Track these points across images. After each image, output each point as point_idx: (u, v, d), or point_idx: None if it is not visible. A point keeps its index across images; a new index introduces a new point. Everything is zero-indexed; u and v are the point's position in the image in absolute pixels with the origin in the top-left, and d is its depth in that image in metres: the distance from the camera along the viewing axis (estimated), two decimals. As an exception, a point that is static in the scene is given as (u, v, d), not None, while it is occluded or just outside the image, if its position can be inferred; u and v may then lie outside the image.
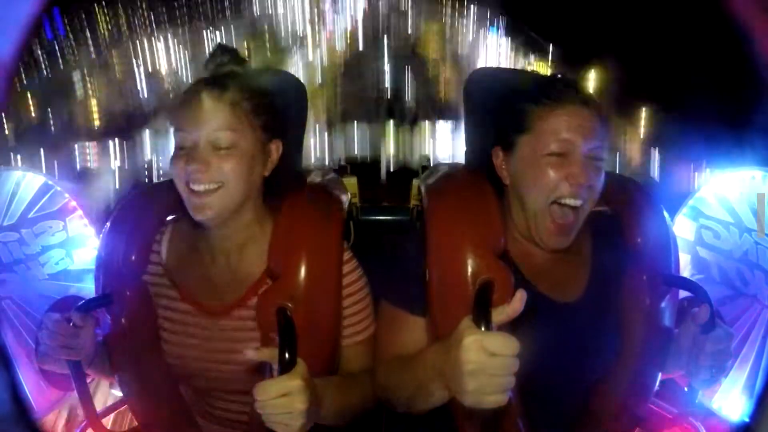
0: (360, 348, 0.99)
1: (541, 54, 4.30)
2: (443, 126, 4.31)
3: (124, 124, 3.39)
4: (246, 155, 0.88)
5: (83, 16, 3.31)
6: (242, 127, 0.87)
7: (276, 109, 0.95)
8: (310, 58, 4.99)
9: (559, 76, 1.00)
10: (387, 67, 4.89)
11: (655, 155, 3.06)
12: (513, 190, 0.97)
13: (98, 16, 3.47)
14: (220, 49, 0.95)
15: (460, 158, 1.19)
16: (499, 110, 0.98)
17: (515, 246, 0.97)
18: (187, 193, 0.88)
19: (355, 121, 4.29)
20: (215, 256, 0.97)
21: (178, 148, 0.87)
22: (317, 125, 4.04)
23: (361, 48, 5.14)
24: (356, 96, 4.59)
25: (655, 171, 3.05)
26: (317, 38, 5.07)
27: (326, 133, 4.17)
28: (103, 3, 3.50)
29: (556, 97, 0.91)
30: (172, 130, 0.90)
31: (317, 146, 4.11)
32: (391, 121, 4.37)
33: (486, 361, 0.68)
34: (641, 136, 3.16)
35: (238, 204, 0.91)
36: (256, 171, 0.91)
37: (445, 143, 4.27)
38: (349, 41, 5.16)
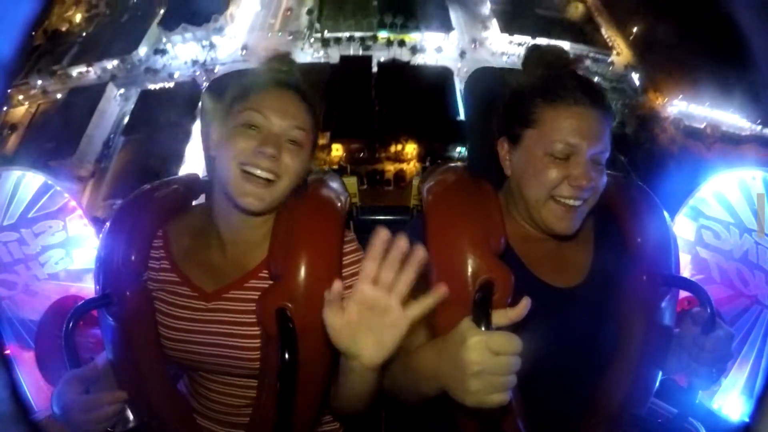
0: None
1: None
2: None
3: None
4: (306, 156, 0.94)
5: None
6: (310, 130, 0.94)
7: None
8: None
9: (571, 71, 0.96)
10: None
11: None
12: (514, 181, 0.96)
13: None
14: (285, 56, 1.01)
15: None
16: (507, 103, 0.97)
17: (517, 231, 0.97)
18: (239, 177, 0.88)
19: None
20: (225, 248, 0.98)
21: (248, 125, 0.89)
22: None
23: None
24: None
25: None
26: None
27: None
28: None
29: (565, 95, 0.90)
30: (237, 104, 0.91)
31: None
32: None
33: (490, 360, 0.68)
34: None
35: (282, 199, 0.93)
36: (305, 171, 0.95)
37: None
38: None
